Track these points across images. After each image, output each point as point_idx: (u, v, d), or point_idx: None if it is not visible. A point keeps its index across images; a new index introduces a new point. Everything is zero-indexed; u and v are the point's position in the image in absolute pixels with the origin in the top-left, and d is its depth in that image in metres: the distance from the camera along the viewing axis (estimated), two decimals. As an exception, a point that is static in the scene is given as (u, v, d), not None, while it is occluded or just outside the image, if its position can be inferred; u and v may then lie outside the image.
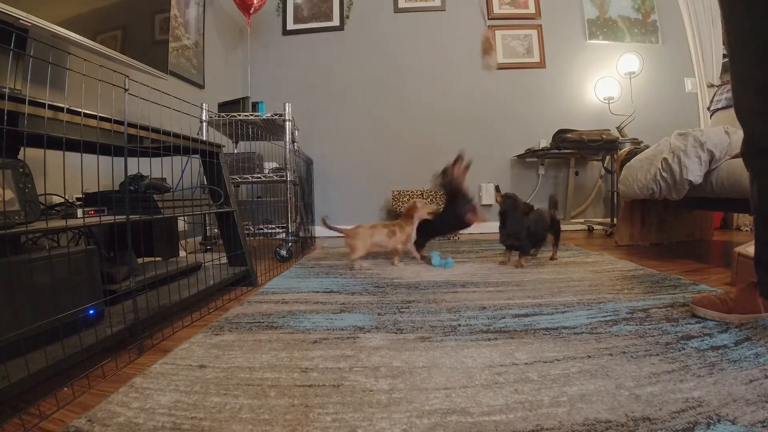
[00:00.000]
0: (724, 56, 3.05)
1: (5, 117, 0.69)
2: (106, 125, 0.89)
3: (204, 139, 1.47)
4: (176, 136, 1.12)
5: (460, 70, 3.19)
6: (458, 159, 1.83)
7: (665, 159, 1.72)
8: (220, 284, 1.34)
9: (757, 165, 0.91)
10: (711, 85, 3.05)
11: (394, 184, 3.05)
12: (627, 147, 2.45)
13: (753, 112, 0.88)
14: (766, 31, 0.81)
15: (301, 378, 0.73)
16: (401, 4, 3.22)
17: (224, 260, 1.55)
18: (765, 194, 0.89)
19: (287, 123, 2.17)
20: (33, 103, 0.73)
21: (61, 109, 0.78)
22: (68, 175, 0.75)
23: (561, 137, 2.74)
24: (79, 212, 0.90)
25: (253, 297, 1.32)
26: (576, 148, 2.75)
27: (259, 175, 2.18)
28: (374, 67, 3.22)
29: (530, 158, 3.11)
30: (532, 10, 3.18)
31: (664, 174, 1.74)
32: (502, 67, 3.18)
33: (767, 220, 0.91)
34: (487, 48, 1.66)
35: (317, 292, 1.37)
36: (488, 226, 2.42)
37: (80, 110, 0.81)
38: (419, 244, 1.90)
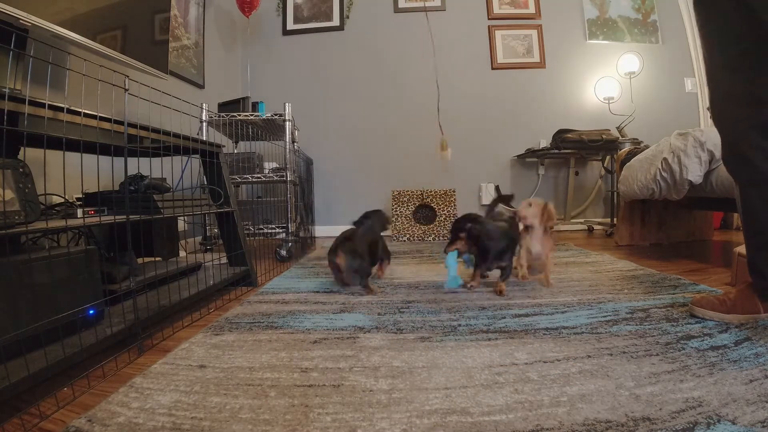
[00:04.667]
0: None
1: (5, 117, 0.69)
2: (106, 125, 0.89)
3: (204, 139, 1.47)
4: (176, 136, 1.12)
5: (460, 70, 3.19)
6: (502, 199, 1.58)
7: (665, 159, 1.72)
8: (220, 284, 1.34)
9: (737, 171, 0.92)
10: (711, 85, 3.04)
11: (394, 184, 3.05)
12: (627, 147, 2.45)
13: (725, 117, 0.89)
14: (729, 36, 0.83)
15: (301, 378, 0.73)
16: (401, 4, 3.22)
17: (224, 260, 1.55)
18: (749, 201, 0.90)
19: (287, 123, 2.17)
20: (33, 103, 0.73)
21: (61, 109, 0.78)
22: (68, 175, 0.75)
23: (561, 137, 2.74)
24: (79, 212, 0.90)
25: (253, 297, 1.32)
26: (576, 148, 2.75)
27: (259, 175, 2.18)
28: (374, 67, 3.22)
29: (530, 158, 3.11)
30: (532, 10, 3.18)
31: (664, 174, 1.74)
32: (499, 67, 3.18)
33: (754, 227, 0.91)
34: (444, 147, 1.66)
35: (317, 292, 1.37)
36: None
37: (80, 110, 0.81)
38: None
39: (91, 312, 0.85)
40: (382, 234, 1.50)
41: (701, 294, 1.14)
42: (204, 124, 2.14)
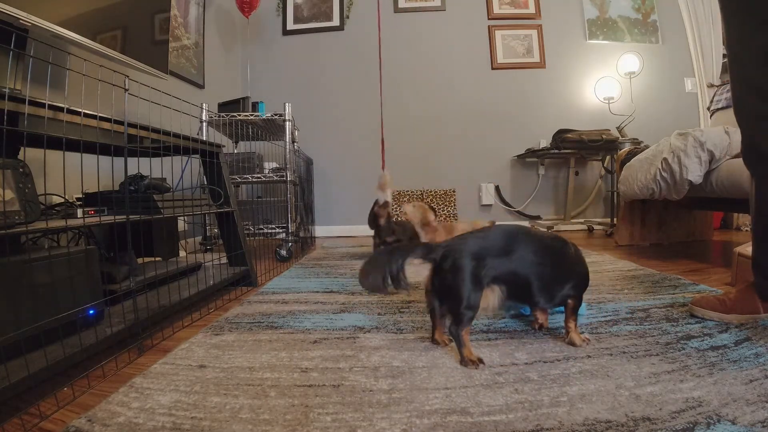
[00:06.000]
0: (724, 56, 3.03)
1: (5, 117, 0.69)
2: (106, 125, 0.89)
3: (204, 139, 1.47)
4: (176, 136, 1.12)
5: (459, 70, 3.19)
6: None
7: (665, 159, 1.72)
8: (220, 284, 1.34)
9: (754, 165, 0.91)
10: (711, 85, 3.04)
11: (394, 184, 3.05)
12: (627, 147, 2.45)
13: (746, 110, 0.88)
14: (754, 21, 0.80)
15: (301, 378, 0.73)
16: (401, 4, 3.22)
17: (224, 260, 1.55)
18: (763, 196, 0.89)
19: (287, 123, 2.17)
20: (33, 103, 0.73)
21: (61, 109, 0.78)
22: (68, 175, 0.75)
23: (561, 137, 2.74)
24: (79, 212, 0.90)
25: (253, 297, 1.32)
26: (576, 148, 2.75)
27: (259, 175, 2.18)
28: (374, 67, 3.21)
29: (530, 158, 3.11)
30: (532, 10, 3.18)
31: (664, 174, 1.73)
32: (499, 67, 3.18)
33: (764, 223, 0.90)
34: (382, 185, 1.85)
35: (317, 292, 1.37)
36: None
37: (80, 110, 0.81)
38: None
39: (91, 312, 0.85)
40: None
41: (701, 294, 1.14)
42: (204, 124, 2.14)
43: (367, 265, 0.83)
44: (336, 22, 3.22)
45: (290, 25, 3.24)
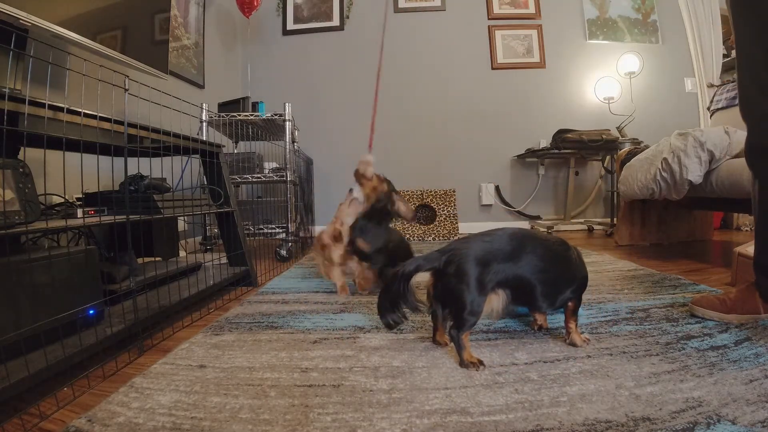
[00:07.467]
0: (725, 56, 3.06)
1: (5, 117, 0.69)
2: (106, 125, 0.89)
3: (204, 139, 1.47)
4: (176, 136, 1.12)
5: (460, 70, 3.19)
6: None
7: (665, 159, 1.72)
8: (220, 284, 1.33)
9: (759, 166, 0.90)
10: (711, 85, 3.04)
11: (394, 184, 3.05)
12: (627, 147, 2.45)
13: (756, 109, 0.87)
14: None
15: (301, 378, 0.73)
16: (401, 4, 3.22)
17: (224, 260, 1.55)
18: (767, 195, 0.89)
19: (287, 123, 2.17)
20: (33, 103, 0.73)
21: (61, 109, 0.78)
22: (68, 175, 0.75)
23: (561, 137, 2.74)
24: (79, 212, 0.90)
25: (253, 297, 1.32)
26: (576, 148, 2.75)
27: (259, 175, 2.18)
28: (374, 67, 3.21)
29: (530, 158, 3.11)
30: (532, 10, 3.18)
31: (664, 174, 1.73)
32: (499, 67, 3.18)
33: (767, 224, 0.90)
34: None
35: (317, 292, 1.37)
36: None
37: (80, 110, 0.81)
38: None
39: (91, 312, 0.85)
40: None
41: (701, 294, 1.14)
42: (204, 124, 2.14)
43: (380, 301, 0.84)
44: (336, 22, 3.22)
45: (290, 25, 3.24)
